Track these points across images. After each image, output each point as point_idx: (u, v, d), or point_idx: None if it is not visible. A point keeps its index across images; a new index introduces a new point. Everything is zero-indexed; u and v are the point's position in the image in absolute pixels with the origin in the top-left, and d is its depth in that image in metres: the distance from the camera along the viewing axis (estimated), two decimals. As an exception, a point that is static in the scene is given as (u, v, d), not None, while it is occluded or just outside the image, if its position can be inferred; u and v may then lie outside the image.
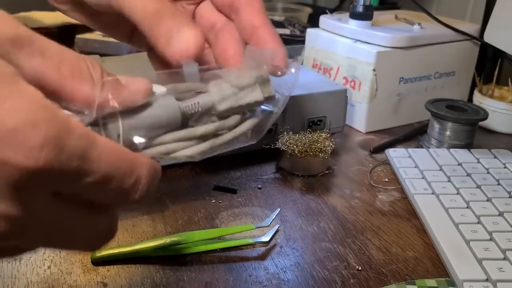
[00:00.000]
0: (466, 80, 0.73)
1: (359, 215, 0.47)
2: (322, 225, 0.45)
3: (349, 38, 0.65)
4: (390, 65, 0.63)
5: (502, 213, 0.44)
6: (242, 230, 0.42)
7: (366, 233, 0.44)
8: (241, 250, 0.41)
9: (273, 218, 0.43)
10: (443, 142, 0.58)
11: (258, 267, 0.39)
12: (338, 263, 0.40)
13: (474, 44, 0.71)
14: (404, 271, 0.39)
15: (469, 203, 0.46)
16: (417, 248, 0.42)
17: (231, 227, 0.43)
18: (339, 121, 0.59)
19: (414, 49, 0.64)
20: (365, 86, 0.63)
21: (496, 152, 0.56)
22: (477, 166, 0.53)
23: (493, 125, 0.67)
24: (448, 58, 0.69)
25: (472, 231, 0.42)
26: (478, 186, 0.49)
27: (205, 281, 0.37)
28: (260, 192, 0.50)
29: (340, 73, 0.67)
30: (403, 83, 0.66)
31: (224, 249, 0.40)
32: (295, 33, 0.85)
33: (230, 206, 0.47)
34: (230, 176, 0.52)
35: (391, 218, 0.47)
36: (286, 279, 0.38)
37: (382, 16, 0.72)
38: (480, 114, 0.58)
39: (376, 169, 0.56)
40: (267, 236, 0.42)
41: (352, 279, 0.38)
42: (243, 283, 0.37)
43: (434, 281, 0.38)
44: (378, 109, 0.65)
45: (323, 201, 0.49)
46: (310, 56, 0.72)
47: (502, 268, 0.37)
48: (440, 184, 0.49)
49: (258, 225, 0.42)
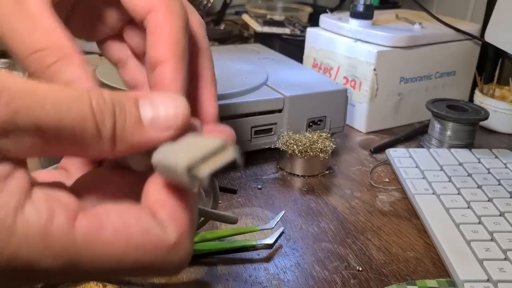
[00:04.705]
0: (467, 80, 0.73)
1: (359, 215, 0.47)
2: (322, 225, 0.45)
3: (350, 38, 0.65)
4: (391, 64, 0.63)
5: (503, 213, 0.44)
6: (246, 231, 0.42)
7: (366, 233, 0.44)
8: (241, 250, 0.41)
9: (278, 221, 0.43)
10: (444, 142, 0.58)
11: (258, 268, 0.39)
12: (338, 264, 0.40)
13: (475, 44, 0.70)
14: (404, 271, 0.39)
15: (470, 203, 0.46)
16: (417, 248, 0.42)
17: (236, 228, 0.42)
18: (339, 121, 0.59)
19: (415, 49, 0.64)
20: (365, 86, 0.63)
21: (497, 152, 0.56)
22: (478, 166, 0.53)
23: (494, 125, 0.67)
24: (449, 57, 0.69)
25: (473, 231, 0.41)
26: (479, 186, 0.49)
27: (205, 282, 0.37)
28: (260, 193, 0.49)
29: (340, 73, 0.66)
30: (403, 83, 0.65)
31: (221, 252, 0.40)
32: (295, 33, 0.85)
33: (230, 206, 0.47)
34: (230, 176, 0.52)
35: (392, 218, 0.46)
36: (286, 280, 0.37)
37: (383, 16, 0.72)
38: (481, 114, 0.58)
39: (376, 169, 0.56)
40: (271, 238, 0.41)
41: (353, 279, 0.38)
42: (243, 284, 0.37)
43: (435, 281, 0.38)
44: (379, 109, 0.65)
45: (323, 201, 0.49)
46: (310, 55, 0.72)
47: (503, 268, 0.37)
48: (440, 184, 0.49)
49: (262, 227, 0.42)
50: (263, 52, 0.71)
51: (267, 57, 0.69)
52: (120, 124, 0.20)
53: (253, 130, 0.53)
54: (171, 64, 0.25)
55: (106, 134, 0.19)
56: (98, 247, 0.19)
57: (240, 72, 0.59)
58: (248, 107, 0.52)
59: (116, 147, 0.20)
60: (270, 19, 0.91)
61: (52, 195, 0.19)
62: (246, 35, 0.97)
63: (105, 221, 0.19)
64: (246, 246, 0.41)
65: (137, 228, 0.20)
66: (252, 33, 0.95)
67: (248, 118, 0.52)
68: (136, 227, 0.20)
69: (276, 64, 0.65)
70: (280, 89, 0.55)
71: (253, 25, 0.89)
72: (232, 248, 0.40)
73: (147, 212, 0.20)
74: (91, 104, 0.19)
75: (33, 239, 0.18)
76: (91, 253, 0.19)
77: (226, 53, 0.69)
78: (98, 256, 0.19)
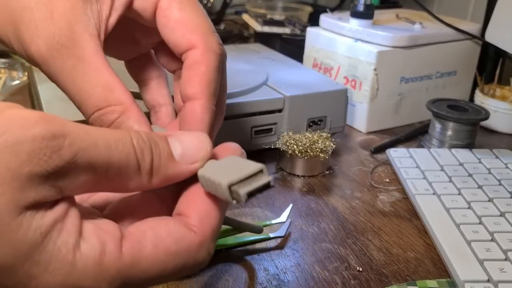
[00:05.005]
0: (467, 79, 0.73)
1: (359, 215, 0.46)
2: (323, 225, 0.45)
3: (350, 38, 0.65)
4: (391, 64, 0.63)
5: (503, 213, 0.44)
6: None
7: (367, 233, 0.44)
8: (241, 251, 0.41)
9: (289, 214, 0.43)
10: (444, 142, 0.58)
11: (258, 268, 0.39)
12: (338, 264, 0.39)
13: (475, 44, 0.70)
14: (405, 272, 0.39)
15: (471, 204, 0.46)
16: (418, 248, 0.42)
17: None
18: (339, 121, 0.59)
19: (415, 49, 0.64)
20: (365, 86, 0.63)
21: (497, 152, 0.56)
22: (478, 166, 0.53)
23: (495, 125, 0.67)
24: (450, 57, 0.69)
25: (474, 232, 0.41)
26: (479, 186, 0.49)
27: (204, 283, 0.37)
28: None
29: (341, 73, 0.66)
30: (404, 83, 0.65)
31: (236, 246, 0.41)
32: (295, 33, 0.85)
33: (229, 207, 0.47)
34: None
35: (392, 219, 0.46)
36: (286, 280, 0.37)
37: (383, 15, 0.71)
38: (481, 114, 0.57)
39: (377, 170, 0.56)
40: (282, 231, 0.42)
41: (353, 280, 0.38)
42: (243, 285, 0.37)
43: (435, 282, 0.38)
44: (379, 109, 0.65)
45: (324, 202, 0.48)
46: (310, 55, 0.72)
47: (503, 268, 0.37)
48: (441, 185, 0.49)
49: (275, 221, 0.43)
50: (263, 52, 0.71)
51: (267, 57, 0.68)
52: (156, 159, 0.22)
53: (253, 130, 0.53)
54: (201, 102, 0.28)
55: (145, 168, 0.22)
56: (143, 264, 0.21)
57: (240, 72, 0.58)
58: (248, 107, 0.52)
59: (153, 179, 0.23)
60: (270, 19, 0.91)
61: (99, 226, 0.21)
62: (246, 34, 0.97)
63: (143, 241, 0.22)
64: (260, 240, 0.41)
65: (171, 238, 0.22)
66: (252, 33, 0.95)
67: (248, 118, 0.52)
68: (169, 238, 0.22)
69: (276, 64, 0.65)
70: (280, 89, 0.55)
71: (253, 25, 0.89)
72: (246, 243, 0.41)
73: (175, 221, 0.23)
74: (132, 142, 0.22)
75: (91, 271, 0.20)
76: (139, 270, 0.21)
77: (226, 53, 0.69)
78: (145, 271, 0.21)
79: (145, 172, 0.22)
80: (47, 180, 0.19)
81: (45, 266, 0.19)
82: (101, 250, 0.20)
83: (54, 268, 0.19)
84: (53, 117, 0.19)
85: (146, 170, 0.22)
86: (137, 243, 0.21)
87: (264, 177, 0.23)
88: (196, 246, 0.23)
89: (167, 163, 0.23)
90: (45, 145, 0.19)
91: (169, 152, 0.23)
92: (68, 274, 0.20)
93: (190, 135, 0.24)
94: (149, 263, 0.22)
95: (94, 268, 0.20)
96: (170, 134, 0.24)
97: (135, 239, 0.21)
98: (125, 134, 0.22)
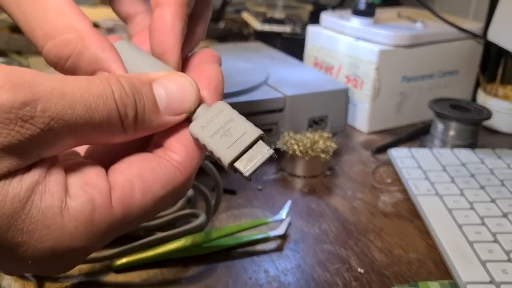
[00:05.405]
0: (469, 79, 0.72)
1: (361, 216, 0.46)
2: (324, 226, 0.44)
3: (351, 36, 0.65)
4: (393, 63, 0.62)
5: (506, 214, 0.43)
6: (258, 224, 0.42)
7: (368, 234, 0.43)
8: (241, 252, 0.40)
9: (288, 210, 0.43)
10: (447, 142, 0.58)
11: (258, 270, 0.38)
12: (340, 266, 0.39)
13: (477, 43, 0.70)
14: (407, 273, 0.39)
15: (473, 204, 0.45)
16: (420, 250, 0.42)
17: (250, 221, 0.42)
18: (340, 121, 0.58)
19: (417, 48, 0.64)
20: (367, 85, 0.63)
21: (500, 152, 0.56)
22: (480, 167, 0.52)
23: (497, 125, 0.66)
24: (451, 56, 0.68)
25: (476, 233, 0.41)
26: (481, 186, 0.48)
27: (204, 284, 0.36)
28: (261, 193, 0.49)
29: (342, 72, 0.66)
30: (405, 82, 0.65)
31: (237, 246, 0.40)
32: (296, 31, 0.84)
33: (229, 207, 0.46)
34: (229, 176, 0.51)
35: (394, 220, 0.46)
36: (287, 282, 0.37)
37: (385, 14, 0.71)
38: (483, 114, 0.57)
39: (378, 170, 0.55)
40: (281, 229, 0.42)
41: (354, 281, 0.37)
42: (243, 286, 0.36)
43: (437, 283, 0.37)
44: (381, 108, 0.64)
45: (325, 202, 0.48)
46: (311, 54, 0.71)
47: (506, 270, 0.37)
48: (443, 185, 0.49)
49: (274, 219, 0.42)
50: (263, 51, 0.71)
51: (267, 55, 0.68)
52: (140, 113, 0.21)
53: (254, 129, 0.53)
54: (172, 8, 0.25)
55: (129, 124, 0.21)
56: (133, 215, 0.21)
57: (240, 71, 0.58)
58: (248, 107, 0.51)
59: (136, 132, 0.22)
60: (270, 17, 0.90)
61: (86, 181, 0.20)
62: (246, 33, 0.97)
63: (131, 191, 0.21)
64: (259, 239, 0.41)
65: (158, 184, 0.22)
66: (252, 32, 0.94)
67: (248, 118, 0.52)
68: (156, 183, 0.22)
69: (276, 63, 0.64)
70: (280, 88, 0.55)
71: (253, 24, 0.88)
72: (246, 243, 0.41)
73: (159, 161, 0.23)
74: (114, 98, 0.20)
75: (83, 231, 0.20)
76: (129, 221, 0.21)
77: (225, 52, 0.69)
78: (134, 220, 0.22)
79: (128, 127, 0.21)
80: (22, 149, 0.18)
81: (31, 233, 0.19)
82: (90, 208, 0.20)
83: (42, 234, 0.19)
84: (22, 78, 0.18)
85: (130, 126, 0.21)
86: (126, 194, 0.21)
87: (265, 148, 0.23)
88: (181, 186, 0.23)
89: (151, 116, 0.22)
90: (14, 115, 0.17)
91: (154, 103, 0.22)
92: (57, 238, 0.19)
93: (177, 82, 0.23)
94: (139, 212, 0.22)
95: (85, 228, 0.20)
96: (155, 79, 0.22)
97: (124, 191, 0.21)
98: (105, 87, 0.20)
